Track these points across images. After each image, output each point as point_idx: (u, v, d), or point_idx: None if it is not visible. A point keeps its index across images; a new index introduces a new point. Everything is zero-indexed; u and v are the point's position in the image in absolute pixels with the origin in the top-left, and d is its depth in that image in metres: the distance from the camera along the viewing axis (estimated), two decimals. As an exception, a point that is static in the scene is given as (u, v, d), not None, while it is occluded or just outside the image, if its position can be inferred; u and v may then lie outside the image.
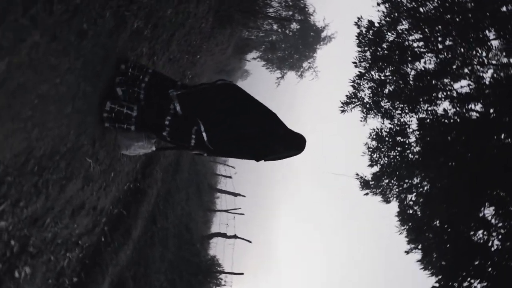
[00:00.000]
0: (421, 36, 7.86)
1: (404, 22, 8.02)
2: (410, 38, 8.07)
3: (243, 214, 14.35)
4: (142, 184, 6.52)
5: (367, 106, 8.83)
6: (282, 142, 3.29)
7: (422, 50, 7.93)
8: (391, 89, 8.48)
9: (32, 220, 2.64)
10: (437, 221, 7.42)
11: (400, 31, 8.06)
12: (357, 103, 8.95)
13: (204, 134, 3.08)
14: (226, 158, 23.96)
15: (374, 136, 8.83)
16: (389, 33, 8.22)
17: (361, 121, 9.07)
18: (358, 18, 8.43)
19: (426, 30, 7.57)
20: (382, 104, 8.63)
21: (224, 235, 11.95)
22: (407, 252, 8.23)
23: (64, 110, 2.56)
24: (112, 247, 5.10)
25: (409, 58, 8.00)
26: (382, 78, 8.55)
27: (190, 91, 3.17)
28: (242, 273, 10.02)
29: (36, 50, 2.05)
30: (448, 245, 6.95)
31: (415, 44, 8.05)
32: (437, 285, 6.76)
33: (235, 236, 12.08)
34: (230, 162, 25.01)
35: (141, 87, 3.18)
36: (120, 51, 3.29)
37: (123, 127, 3.15)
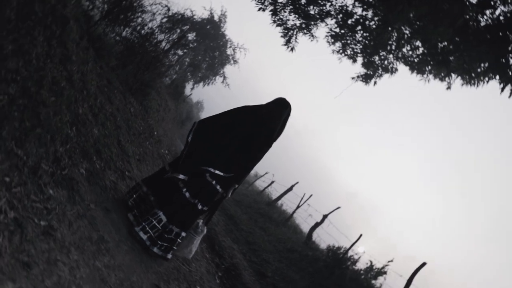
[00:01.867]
0: None
1: None
2: None
3: (311, 195, 14.02)
4: (225, 262, 6.24)
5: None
6: (270, 118, 3.42)
7: None
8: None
9: None
10: None
11: None
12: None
13: (217, 171, 3.27)
14: (255, 173, 23.76)
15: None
16: None
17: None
18: None
19: None
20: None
21: (317, 225, 11.60)
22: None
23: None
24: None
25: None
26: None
27: (183, 162, 3.31)
28: (361, 235, 9.70)
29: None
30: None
31: None
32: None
33: (325, 217, 11.73)
34: (260, 171, 24.75)
35: (149, 200, 3.38)
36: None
37: (178, 240, 3.32)
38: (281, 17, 9.00)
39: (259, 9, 9.03)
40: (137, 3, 7.58)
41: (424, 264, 7.22)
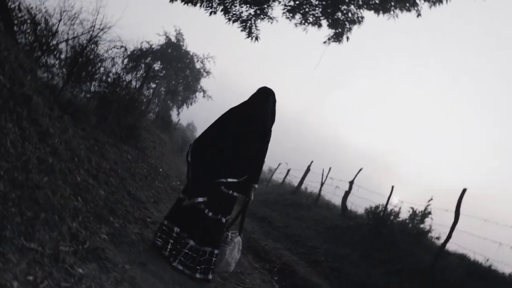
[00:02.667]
0: None
1: None
2: None
3: (330, 168, 13.89)
4: (276, 264, 6.12)
5: None
6: (258, 109, 3.44)
7: None
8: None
9: None
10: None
11: None
12: None
13: (230, 179, 3.30)
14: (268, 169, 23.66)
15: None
16: None
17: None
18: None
19: None
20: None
21: (347, 193, 11.48)
22: None
23: None
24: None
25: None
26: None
27: (194, 183, 3.37)
28: (392, 186, 9.57)
29: None
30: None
31: None
32: None
33: (351, 183, 11.60)
34: (273, 165, 24.63)
35: (175, 233, 3.40)
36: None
37: (213, 259, 3.34)
38: (234, 12, 8.86)
39: (210, 13, 8.90)
40: (93, 55, 7.45)
41: (464, 190, 7.06)
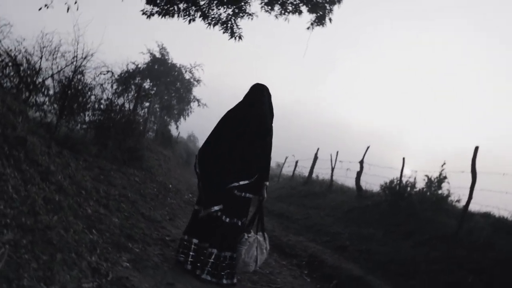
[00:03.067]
0: None
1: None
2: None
3: (337, 152, 13.77)
4: (302, 257, 6.05)
5: None
6: (255, 106, 3.41)
7: None
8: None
9: None
10: None
11: None
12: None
13: (241, 182, 3.28)
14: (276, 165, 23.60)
15: None
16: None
17: None
18: None
19: None
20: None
21: (359, 174, 11.38)
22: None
23: None
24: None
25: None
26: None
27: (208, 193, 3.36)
28: (403, 158, 9.51)
29: None
30: None
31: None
32: None
33: (361, 162, 11.50)
34: (280, 159, 24.57)
35: (194, 244, 3.37)
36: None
37: (234, 262, 3.35)
38: (213, 16, 8.78)
39: (189, 21, 8.83)
40: (81, 85, 7.39)
41: (477, 148, 6.93)
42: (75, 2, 7.38)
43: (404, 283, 5.16)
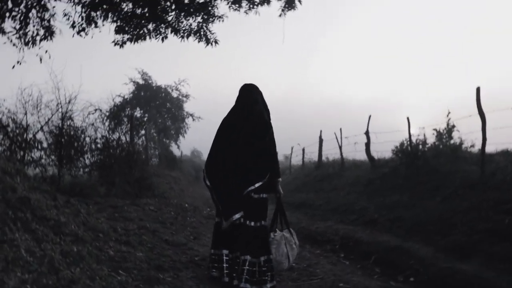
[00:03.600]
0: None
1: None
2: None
3: (340, 129, 13.62)
4: (335, 241, 5.92)
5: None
6: (248, 107, 3.39)
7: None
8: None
9: None
10: None
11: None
12: None
13: (256, 185, 3.23)
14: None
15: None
16: None
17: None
18: None
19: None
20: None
21: (368, 144, 11.27)
22: None
23: None
24: None
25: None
26: None
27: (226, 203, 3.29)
28: (407, 117, 9.36)
29: None
30: None
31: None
32: None
33: (367, 133, 11.38)
34: (286, 151, 24.45)
35: (224, 256, 3.33)
36: None
37: (271, 265, 3.25)
38: (183, 28, 8.65)
39: (162, 39, 8.73)
40: (72, 130, 7.30)
41: (478, 88, 6.76)
42: (46, 51, 7.31)
43: (444, 241, 5.03)
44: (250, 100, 3.43)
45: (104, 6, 7.96)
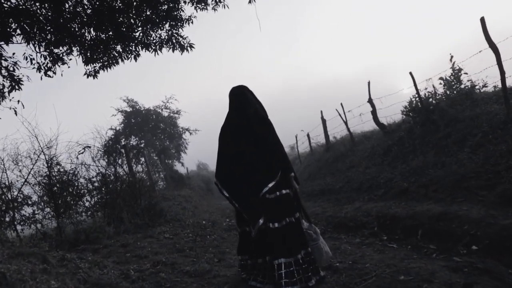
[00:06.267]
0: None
1: None
2: None
3: (341, 104, 13.03)
4: (370, 223, 5.34)
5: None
6: (243, 110, 3.30)
7: None
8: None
9: None
10: None
11: None
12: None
13: (270, 185, 3.12)
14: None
15: None
16: None
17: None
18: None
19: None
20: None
21: (374, 112, 10.71)
22: None
23: None
24: None
25: None
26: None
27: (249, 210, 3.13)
28: (410, 72, 8.78)
29: None
30: None
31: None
32: None
33: (370, 101, 10.79)
34: (290, 141, 23.94)
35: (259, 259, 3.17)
36: None
37: (311, 257, 3.12)
38: (154, 41, 8.10)
39: (135, 57, 8.18)
40: (65, 175, 6.76)
41: (483, 18, 6.13)
42: (18, 102, 6.74)
43: (492, 195, 4.43)
44: (243, 103, 3.33)
45: (66, 40, 7.41)
